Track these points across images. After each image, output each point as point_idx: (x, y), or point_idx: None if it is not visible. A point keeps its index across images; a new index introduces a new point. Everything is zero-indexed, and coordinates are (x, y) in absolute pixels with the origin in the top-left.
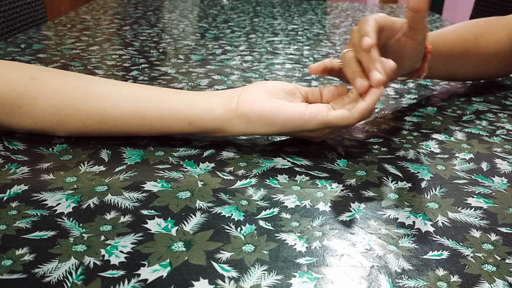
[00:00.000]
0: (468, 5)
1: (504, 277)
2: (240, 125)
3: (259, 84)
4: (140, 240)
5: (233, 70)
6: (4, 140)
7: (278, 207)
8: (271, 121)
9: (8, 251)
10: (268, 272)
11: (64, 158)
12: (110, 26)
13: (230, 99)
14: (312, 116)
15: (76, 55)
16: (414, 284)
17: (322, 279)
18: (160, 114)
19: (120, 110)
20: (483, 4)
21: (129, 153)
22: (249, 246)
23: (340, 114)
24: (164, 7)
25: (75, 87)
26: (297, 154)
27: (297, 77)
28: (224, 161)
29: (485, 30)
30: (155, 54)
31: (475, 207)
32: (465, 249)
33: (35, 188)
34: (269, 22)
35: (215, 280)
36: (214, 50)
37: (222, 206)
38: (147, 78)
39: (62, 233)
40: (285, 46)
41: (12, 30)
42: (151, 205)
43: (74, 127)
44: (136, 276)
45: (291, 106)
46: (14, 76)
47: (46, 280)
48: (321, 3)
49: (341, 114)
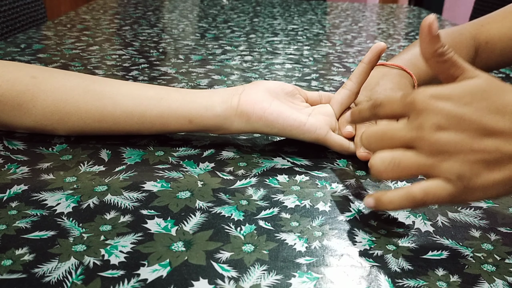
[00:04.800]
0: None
1: (503, 277)
2: (239, 124)
3: (260, 84)
4: (140, 240)
5: (233, 70)
6: (4, 140)
7: (278, 207)
8: (270, 123)
9: (8, 251)
10: (268, 272)
11: (64, 158)
12: (110, 26)
13: (231, 97)
14: (310, 130)
15: (76, 55)
16: (414, 284)
17: (322, 279)
18: (160, 112)
19: (120, 109)
20: (483, 4)
21: (129, 153)
22: (249, 246)
23: (338, 140)
24: (164, 7)
25: (75, 86)
26: (297, 154)
27: (297, 77)
28: (224, 161)
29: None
30: (155, 54)
31: (475, 207)
32: (464, 249)
33: (35, 188)
34: (269, 22)
35: (215, 280)
36: (214, 50)
37: (222, 206)
38: (147, 78)
39: (62, 233)
40: (285, 46)
41: (12, 30)
42: (151, 205)
43: (74, 125)
44: (136, 276)
45: (293, 114)
46: (14, 75)
47: (46, 280)
48: (321, 3)
49: (339, 141)
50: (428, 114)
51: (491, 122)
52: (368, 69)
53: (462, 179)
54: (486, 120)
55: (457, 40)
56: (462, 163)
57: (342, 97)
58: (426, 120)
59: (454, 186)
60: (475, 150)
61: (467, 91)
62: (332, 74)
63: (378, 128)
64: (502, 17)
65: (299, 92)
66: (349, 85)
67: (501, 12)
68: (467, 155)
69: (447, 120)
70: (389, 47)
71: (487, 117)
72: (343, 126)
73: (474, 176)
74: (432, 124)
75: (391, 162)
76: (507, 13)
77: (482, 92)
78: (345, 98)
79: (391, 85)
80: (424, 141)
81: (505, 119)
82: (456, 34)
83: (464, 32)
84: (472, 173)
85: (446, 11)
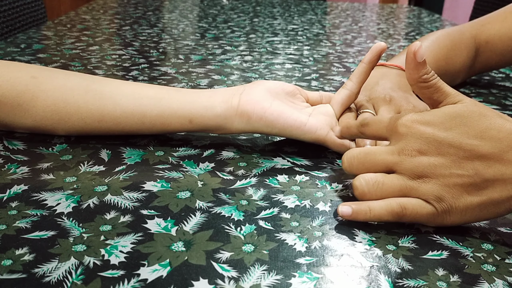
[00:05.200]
0: (468, 5)
1: (503, 277)
2: (240, 123)
3: (261, 84)
4: (140, 240)
5: (233, 70)
6: (4, 140)
7: (278, 207)
8: (271, 123)
9: (8, 251)
10: (268, 272)
11: (64, 158)
12: (110, 26)
13: (232, 97)
14: (311, 130)
15: (76, 55)
16: (414, 284)
17: (322, 279)
18: (161, 112)
19: (120, 108)
20: (483, 4)
21: (129, 153)
22: (249, 246)
23: (338, 140)
24: (164, 7)
25: (75, 86)
26: (297, 154)
27: (297, 77)
28: (224, 161)
29: (453, 53)
30: (155, 54)
31: None
32: (464, 249)
33: (35, 188)
34: (269, 22)
35: (215, 280)
36: (214, 50)
37: (222, 206)
38: (147, 78)
39: (62, 233)
40: (285, 46)
41: (12, 30)
42: (151, 205)
43: (74, 125)
44: (136, 276)
45: (293, 114)
46: (14, 75)
47: (46, 280)
48: (321, 3)
49: (340, 141)
50: (410, 138)
51: (470, 146)
52: (368, 69)
53: (441, 202)
54: (465, 145)
55: (457, 40)
56: (441, 186)
57: (343, 97)
58: (407, 144)
59: (433, 207)
60: (455, 174)
61: (448, 116)
62: (332, 74)
63: (360, 150)
64: (503, 17)
65: (299, 92)
66: (349, 85)
67: (501, 12)
68: (447, 179)
69: (428, 144)
70: (389, 47)
71: (467, 141)
72: None
73: (453, 199)
74: (412, 148)
75: (375, 184)
76: (507, 13)
77: (463, 117)
78: (345, 98)
79: (390, 84)
80: (405, 165)
81: (484, 143)
82: (456, 34)
83: (464, 32)
84: (450, 196)
85: (446, 11)
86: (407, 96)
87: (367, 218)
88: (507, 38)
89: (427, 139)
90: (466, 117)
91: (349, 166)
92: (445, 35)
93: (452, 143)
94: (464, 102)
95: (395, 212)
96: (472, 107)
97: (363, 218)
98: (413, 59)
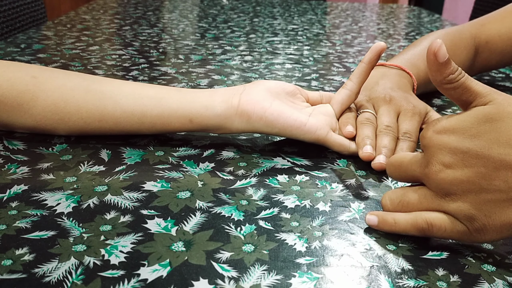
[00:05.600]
0: (468, 5)
1: (503, 277)
2: (240, 123)
3: (261, 83)
4: (140, 240)
5: (233, 70)
6: (4, 140)
7: (278, 207)
8: (271, 123)
9: (8, 251)
10: (268, 272)
11: (64, 158)
12: (110, 26)
13: (232, 96)
14: (311, 130)
15: (76, 55)
16: (414, 284)
17: (322, 279)
18: (161, 111)
19: (120, 108)
20: (483, 4)
21: (129, 153)
22: (249, 246)
23: (338, 140)
24: (164, 7)
25: (75, 86)
26: (297, 154)
27: (297, 77)
28: (224, 161)
29: (453, 53)
30: (155, 54)
31: None
32: (464, 249)
33: (35, 188)
34: (269, 22)
35: (215, 280)
36: (214, 50)
37: (222, 206)
38: (147, 78)
39: (62, 233)
40: (285, 46)
41: (12, 30)
42: (151, 205)
43: (74, 125)
44: (136, 276)
45: (293, 114)
46: (15, 75)
47: (46, 280)
48: (321, 3)
49: (340, 141)
50: (432, 150)
51: (500, 156)
52: (368, 69)
53: (473, 221)
54: (495, 154)
55: (457, 40)
56: (471, 204)
57: (343, 97)
58: (430, 157)
59: (464, 226)
60: (484, 189)
61: (475, 121)
62: (332, 74)
63: (397, 157)
64: (502, 16)
65: (300, 92)
66: (349, 85)
67: (501, 11)
68: (476, 195)
69: (452, 156)
70: (389, 47)
71: (496, 150)
72: (343, 126)
73: (486, 218)
74: (436, 162)
75: (400, 204)
76: (507, 13)
77: (492, 121)
78: (345, 98)
79: (390, 84)
80: (430, 182)
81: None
82: (456, 34)
83: (464, 32)
84: (483, 214)
85: (446, 11)
86: (407, 96)
87: (393, 230)
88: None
89: (450, 150)
90: (496, 120)
91: (389, 170)
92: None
93: (479, 154)
94: (496, 102)
95: (421, 227)
96: (505, 107)
97: (389, 230)
98: (435, 61)
